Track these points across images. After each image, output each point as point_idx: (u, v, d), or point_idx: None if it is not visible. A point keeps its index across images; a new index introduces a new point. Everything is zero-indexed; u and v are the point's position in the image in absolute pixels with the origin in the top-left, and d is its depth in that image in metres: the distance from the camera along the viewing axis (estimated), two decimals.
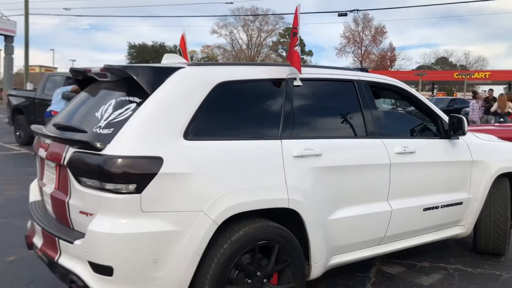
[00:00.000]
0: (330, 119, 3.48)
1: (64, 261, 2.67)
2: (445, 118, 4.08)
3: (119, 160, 2.47)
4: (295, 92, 3.17)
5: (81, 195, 2.63)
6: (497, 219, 4.34)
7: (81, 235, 2.63)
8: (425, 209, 3.82)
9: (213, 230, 2.63)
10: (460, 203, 4.12)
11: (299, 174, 2.99)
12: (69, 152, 2.69)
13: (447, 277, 4.06)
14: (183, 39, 4.34)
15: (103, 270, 2.49)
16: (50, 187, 2.99)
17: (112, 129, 2.61)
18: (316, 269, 3.17)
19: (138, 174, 2.48)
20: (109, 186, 2.48)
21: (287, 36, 64.85)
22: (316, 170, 3.08)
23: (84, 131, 2.75)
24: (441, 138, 4.04)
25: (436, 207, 3.90)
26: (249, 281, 2.82)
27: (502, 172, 4.35)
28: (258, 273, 2.85)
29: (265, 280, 2.89)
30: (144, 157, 2.51)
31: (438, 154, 3.94)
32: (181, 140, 2.64)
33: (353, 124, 3.49)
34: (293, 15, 3.12)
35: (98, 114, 2.79)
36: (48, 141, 2.99)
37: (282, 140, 3.01)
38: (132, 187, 2.47)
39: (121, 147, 2.51)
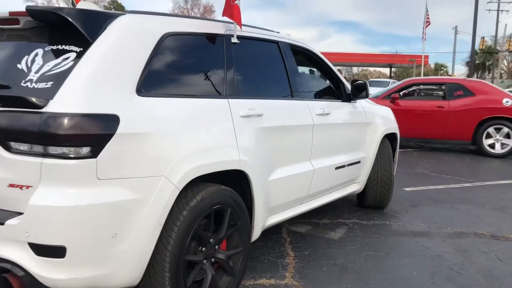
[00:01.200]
0: (264, 79, 3.40)
1: None
2: (347, 83, 4.33)
3: (69, 118, 2.05)
4: (233, 50, 3.02)
5: (10, 164, 2.13)
6: (383, 174, 4.80)
7: (11, 214, 2.14)
8: (337, 168, 4.04)
9: (175, 196, 2.38)
10: (359, 162, 4.45)
11: (246, 135, 2.88)
12: None
13: (350, 230, 4.38)
14: None
15: (52, 251, 2.07)
16: None
17: (50, 82, 2.15)
18: (257, 231, 3.12)
19: (93, 135, 2.10)
20: (56, 150, 2.05)
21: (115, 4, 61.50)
22: (259, 130, 3.00)
23: (6, 87, 2.21)
24: (343, 101, 4.28)
25: (343, 166, 4.15)
26: (203, 249, 2.64)
27: (386, 133, 4.82)
28: (211, 240, 2.68)
29: (216, 246, 2.74)
30: (98, 115, 2.13)
31: (345, 116, 4.18)
32: (135, 96, 2.31)
33: (282, 85, 3.48)
34: None
35: (21, 66, 2.26)
36: None
37: (229, 99, 2.85)
38: (85, 150, 2.08)
39: (69, 103, 2.09)
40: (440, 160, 8.71)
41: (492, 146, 8.98)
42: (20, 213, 2.13)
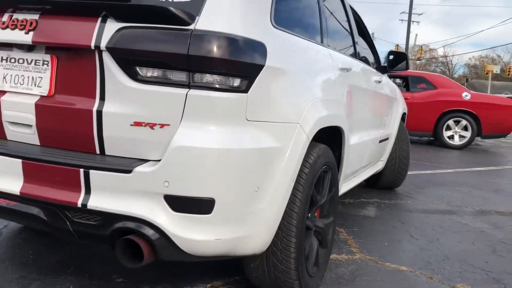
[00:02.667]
0: (339, 34, 3.11)
1: (101, 203, 1.67)
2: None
3: (228, 39, 1.64)
4: None
5: (137, 97, 1.67)
6: (401, 154, 4.71)
7: (135, 161, 1.69)
8: (380, 141, 3.86)
9: (306, 148, 2.03)
10: (387, 138, 4.31)
11: (342, 90, 2.59)
12: (109, 29, 1.66)
13: (379, 208, 4.22)
14: None
15: (197, 205, 1.65)
16: (28, 94, 1.82)
17: None
18: None
19: (247, 64, 1.70)
20: (206, 79, 1.64)
21: None
22: (349, 87, 2.72)
23: None
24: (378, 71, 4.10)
25: (382, 140, 3.99)
26: (309, 215, 2.32)
27: (404, 111, 4.74)
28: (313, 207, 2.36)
29: (316, 214, 2.42)
30: (251, 40, 1.74)
31: (385, 88, 4.01)
32: (271, 26, 1.93)
33: (350, 44, 3.22)
34: None
35: None
36: (24, 16, 1.78)
37: (328, 49, 2.55)
38: (238, 82, 1.68)
39: (222, 22, 1.67)
40: None
41: (451, 137, 9.38)
42: (145, 160, 1.69)
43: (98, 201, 1.67)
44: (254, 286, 2.25)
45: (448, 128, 9.35)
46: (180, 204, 1.64)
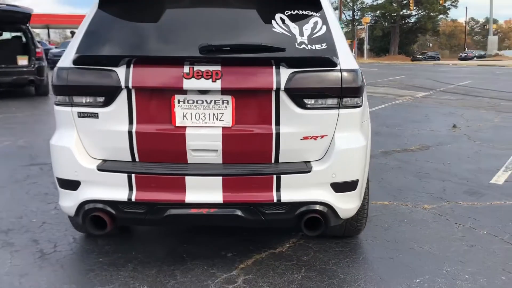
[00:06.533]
0: None
1: (290, 196, 2.39)
2: None
3: (356, 73, 2.45)
4: None
5: (304, 120, 2.38)
6: None
7: (305, 163, 2.43)
8: None
9: None
10: None
11: None
12: (284, 74, 2.32)
13: None
14: None
15: (349, 186, 2.49)
16: (212, 127, 2.36)
17: (323, 44, 2.43)
18: None
19: (362, 87, 2.53)
20: (348, 101, 2.44)
21: None
22: None
23: (279, 49, 2.35)
24: None
25: None
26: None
27: None
28: None
29: None
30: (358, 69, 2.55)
31: None
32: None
33: None
34: None
35: (278, 30, 2.42)
36: (206, 67, 2.28)
37: None
38: (359, 100, 2.52)
39: (349, 61, 2.46)
40: None
41: None
42: (308, 162, 2.44)
43: (288, 195, 2.38)
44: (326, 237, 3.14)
45: None
46: (340, 187, 2.46)
